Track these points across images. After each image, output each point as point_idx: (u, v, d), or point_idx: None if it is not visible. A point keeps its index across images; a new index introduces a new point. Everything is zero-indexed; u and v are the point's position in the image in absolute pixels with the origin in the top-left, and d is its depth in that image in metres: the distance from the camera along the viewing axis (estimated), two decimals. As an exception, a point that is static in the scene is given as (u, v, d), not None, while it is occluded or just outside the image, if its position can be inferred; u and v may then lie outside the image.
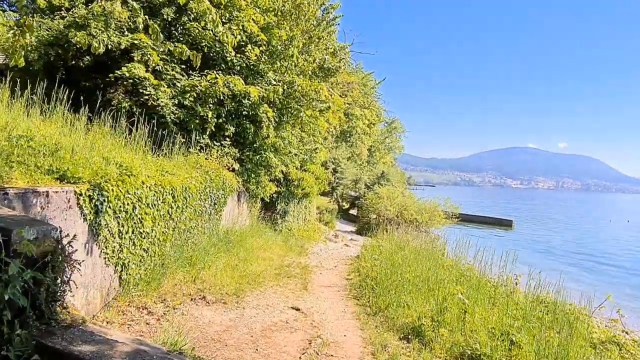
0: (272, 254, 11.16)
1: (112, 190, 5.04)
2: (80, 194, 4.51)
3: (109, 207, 5.00)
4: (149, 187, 6.03)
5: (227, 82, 10.82)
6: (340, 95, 25.65)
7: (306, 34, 13.27)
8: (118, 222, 5.27)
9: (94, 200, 4.70)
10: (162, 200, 6.47)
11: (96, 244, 4.91)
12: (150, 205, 6.05)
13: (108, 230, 5.06)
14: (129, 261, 5.61)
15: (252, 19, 10.90)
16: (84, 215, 4.59)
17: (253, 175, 12.26)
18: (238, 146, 11.53)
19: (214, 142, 10.88)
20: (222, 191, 9.61)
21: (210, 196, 8.91)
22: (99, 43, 5.15)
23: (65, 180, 4.63)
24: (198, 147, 10.15)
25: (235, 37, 9.05)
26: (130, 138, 7.68)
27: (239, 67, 11.88)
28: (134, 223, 5.65)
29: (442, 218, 22.83)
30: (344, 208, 33.72)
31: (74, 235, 3.50)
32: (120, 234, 5.35)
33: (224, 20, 11.41)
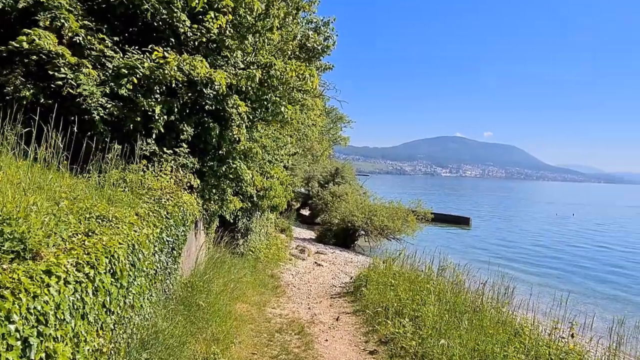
0: (248, 305, 8.14)
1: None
2: None
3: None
4: (65, 279, 2.83)
5: (182, 64, 7.54)
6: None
7: (282, 1, 10.09)
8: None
9: None
10: (94, 290, 3.27)
11: None
12: (69, 316, 2.86)
13: None
14: None
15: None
16: None
17: (215, 191, 9.04)
18: (197, 154, 8.27)
19: (164, 148, 7.58)
20: (183, 228, 6.38)
21: (167, 242, 5.69)
22: None
23: None
24: (143, 158, 6.87)
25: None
26: (32, 151, 4.37)
27: (195, 43, 8.58)
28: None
29: (414, 223, 20.53)
30: (294, 208, 30.80)
31: None
32: None
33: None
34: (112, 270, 3.61)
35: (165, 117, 7.45)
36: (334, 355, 6.46)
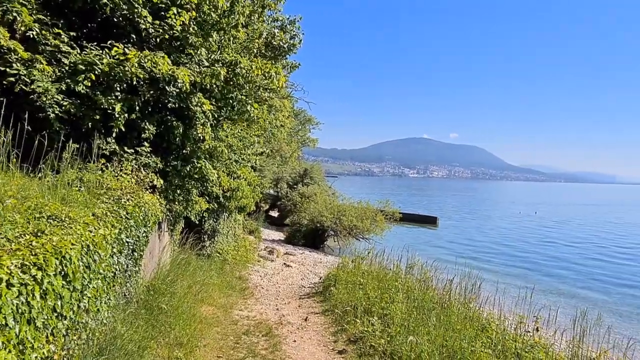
0: (214, 307, 7.95)
1: None
2: None
3: None
4: (7, 282, 2.65)
5: (144, 60, 7.30)
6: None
7: (247, -1, 9.95)
8: None
9: None
10: (42, 293, 3.08)
11: None
12: (13, 321, 2.67)
13: None
14: None
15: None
16: None
17: (179, 192, 8.82)
18: (160, 153, 8.04)
19: (125, 147, 7.33)
20: (144, 229, 6.16)
21: (127, 243, 5.48)
22: None
23: None
24: (102, 157, 6.61)
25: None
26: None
27: (157, 40, 8.33)
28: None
29: (383, 223, 20.66)
30: (263, 209, 30.53)
31: None
32: None
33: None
34: (63, 272, 3.42)
35: (126, 115, 7.19)
36: (303, 356, 6.36)
